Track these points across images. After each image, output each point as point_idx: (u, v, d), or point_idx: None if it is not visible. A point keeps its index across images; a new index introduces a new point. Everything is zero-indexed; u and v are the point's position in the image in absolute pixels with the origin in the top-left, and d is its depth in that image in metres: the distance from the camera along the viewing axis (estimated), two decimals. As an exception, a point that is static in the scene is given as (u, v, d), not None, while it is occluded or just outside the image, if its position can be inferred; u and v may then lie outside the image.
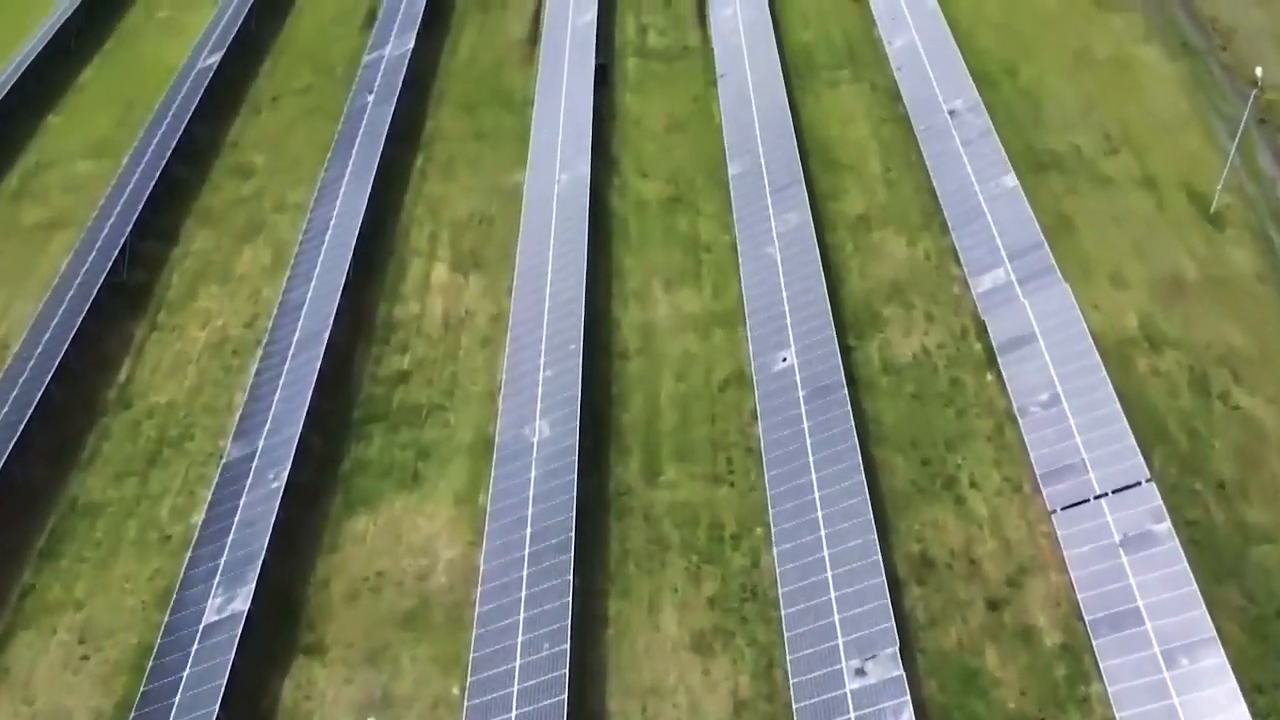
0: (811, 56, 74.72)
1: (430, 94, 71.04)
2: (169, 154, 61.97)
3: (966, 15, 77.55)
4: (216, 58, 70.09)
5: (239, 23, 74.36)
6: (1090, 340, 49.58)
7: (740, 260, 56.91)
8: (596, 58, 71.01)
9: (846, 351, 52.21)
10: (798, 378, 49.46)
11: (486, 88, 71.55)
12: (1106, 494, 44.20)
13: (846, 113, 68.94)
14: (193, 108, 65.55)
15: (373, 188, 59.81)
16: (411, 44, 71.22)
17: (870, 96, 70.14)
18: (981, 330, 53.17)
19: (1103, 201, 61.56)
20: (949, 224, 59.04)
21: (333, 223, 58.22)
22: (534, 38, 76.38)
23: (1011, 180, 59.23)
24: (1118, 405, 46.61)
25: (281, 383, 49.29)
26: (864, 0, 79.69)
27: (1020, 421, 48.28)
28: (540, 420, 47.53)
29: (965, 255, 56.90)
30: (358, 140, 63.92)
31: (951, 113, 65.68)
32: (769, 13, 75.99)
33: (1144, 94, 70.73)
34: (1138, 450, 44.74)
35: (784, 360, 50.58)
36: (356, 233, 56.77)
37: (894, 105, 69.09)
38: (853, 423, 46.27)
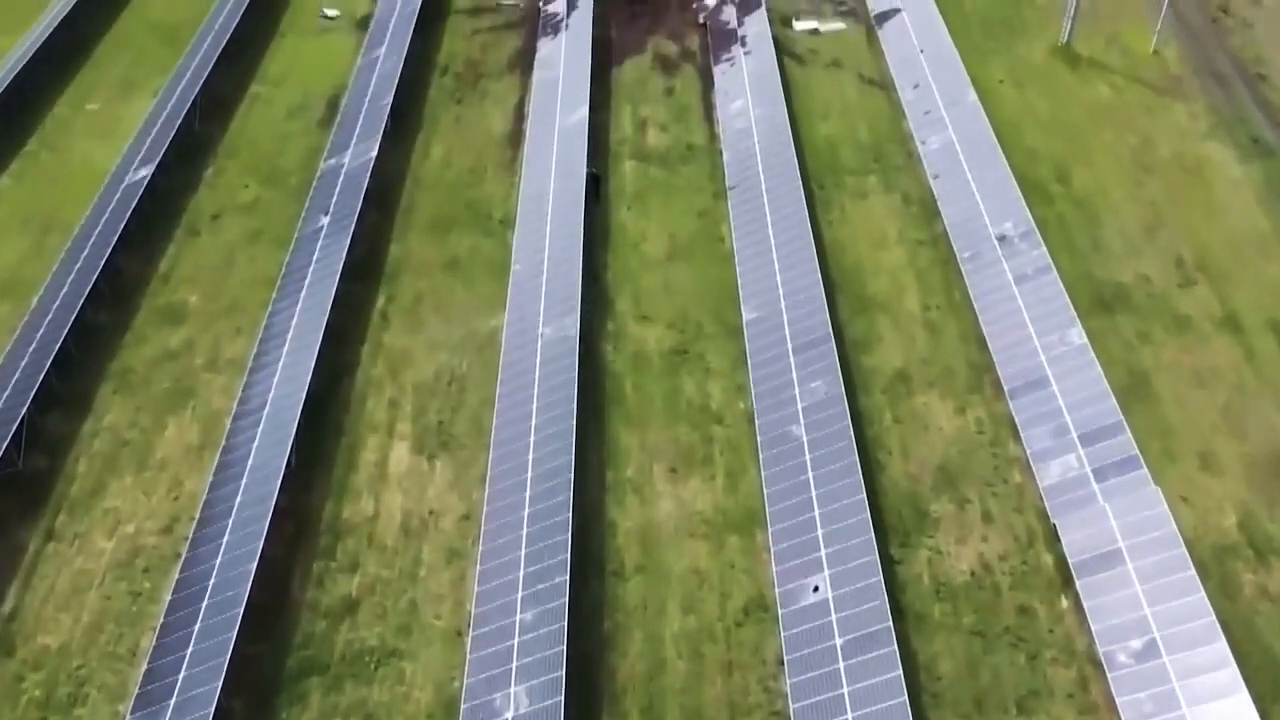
0: (834, 157, 65.41)
1: (396, 210, 61.25)
2: (84, 299, 52.49)
3: (1009, 107, 68.46)
4: (149, 169, 60.52)
5: (179, 120, 64.64)
6: (1192, 568, 40.42)
7: (759, 442, 47.61)
8: (588, 165, 61.56)
9: (889, 563, 43.17)
10: (834, 617, 40.21)
11: (461, 201, 61.94)
12: (1229, 798, 35.18)
13: (877, 232, 59.69)
14: (116, 237, 55.87)
15: (323, 342, 50.56)
16: (375, 151, 61.67)
17: (903, 212, 60.88)
18: (1051, 535, 44.14)
19: (1182, 351, 52.53)
20: (1004, 386, 49.96)
21: (273, 391, 48.90)
22: (517, 136, 66.77)
23: (1078, 336, 50.03)
24: (1235, 668, 37.41)
25: (198, 627, 39.97)
26: (891, 88, 70.58)
27: (1109, 676, 39.11)
28: (516, 686, 38.25)
29: (1026, 433, 47.74)
30: (308, 278, 54.53)
31: (1001, 238, 56.47)
32: (784, 105, 66.54)
33: (1215, 205, 61.71)
34: (1266, 735, 35.77)
35: (815, 590, 41.37)
36: (301, 405, 47.54)
37: (931, 223, 59.89)
38: (906, 694, 37.01)
